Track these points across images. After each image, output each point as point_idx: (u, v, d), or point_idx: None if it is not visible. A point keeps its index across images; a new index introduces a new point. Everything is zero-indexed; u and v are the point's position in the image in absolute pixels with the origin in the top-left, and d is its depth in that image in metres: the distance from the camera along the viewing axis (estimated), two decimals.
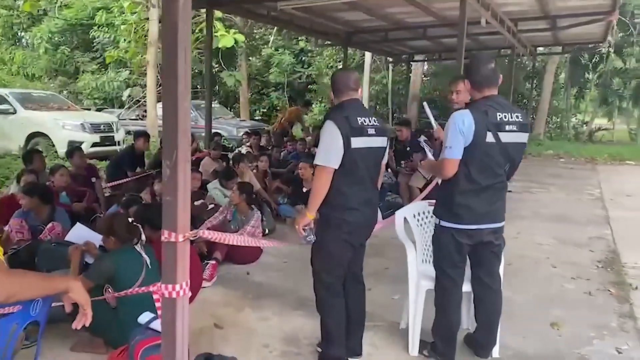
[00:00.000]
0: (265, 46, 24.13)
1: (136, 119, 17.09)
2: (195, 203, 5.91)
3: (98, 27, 20.05)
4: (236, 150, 10.02)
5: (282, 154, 10.02)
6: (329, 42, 14.54)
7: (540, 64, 21.53)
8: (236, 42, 13.95)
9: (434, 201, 4.07)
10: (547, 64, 21.12)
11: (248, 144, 10.77)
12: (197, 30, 18.22)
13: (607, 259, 5.87)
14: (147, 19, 15.53)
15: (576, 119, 25.30)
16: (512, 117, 3.15)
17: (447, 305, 3.32)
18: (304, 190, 7.10)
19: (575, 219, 7.85)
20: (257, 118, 22.96)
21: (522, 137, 3.22)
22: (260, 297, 4.50)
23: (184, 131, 2.23)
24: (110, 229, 3.45)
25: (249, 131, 11.99)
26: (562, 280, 5.16)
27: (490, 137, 3.09)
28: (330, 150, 3.04)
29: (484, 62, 3.24)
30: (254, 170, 7.60)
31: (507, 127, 3.13)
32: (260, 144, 10.12)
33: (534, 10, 10.50)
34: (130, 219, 3.51)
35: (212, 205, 6.01)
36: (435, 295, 3.40)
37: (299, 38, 24.70)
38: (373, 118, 3.22)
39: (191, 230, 2.33)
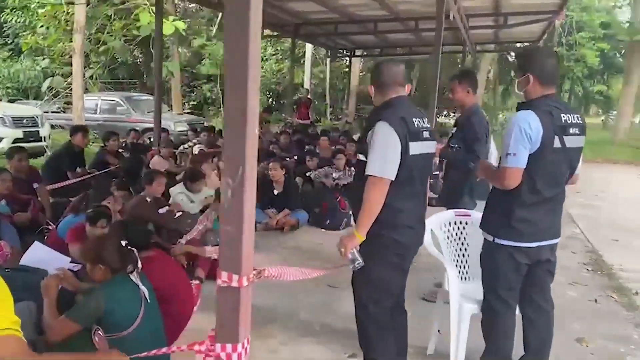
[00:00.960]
0: (196, 37, 22.97)
1: (58, 112, 15.61)
2: (161, 211, 5.19)
3: (10, 11, 18.18)
4: (184, 148, 9.24)
5: None
6: (277, 33, 13.93)
7: (474, 61, 22.00)
8: (176, 29, 12.99)
9: (464, 211, 3.71)
10: (481, 61, 21.61)
11: (195, 140, 10.01)
12: (124, 17, 16.98)
13: (592, 261, 5.79)
14: (72, 3, 14.16)
15: (503, 115, 26.17)
16: (574, 119, 2.79)
17: (500, 333, 2.93)
18: (275, 192, 6.53)
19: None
20: (187, 111, 21.85)
21: (582, 141, 2.87)
22: (259, 324, 3.91)
23: (252, 143, 1.65)
24: (99, 255, 2.75)
25: (197, 127, 11.19)
26: (561, 287, 4.95)
27: (557, 142, 2.71)
28: (386, 158, 2.56)
29: (548, 55, 2.85)
30: (215, 171, 6.93)
31: (571, 130, 2.76)
32: (217, 143, 9.38)
33: (486, 6, 10.48)
34: (123, 242, 2.83)
35: (180, 213, 5.30)
36: (484, 320, 3.00)
37: None
38: (425, 119, 2.77)
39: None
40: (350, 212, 3.59)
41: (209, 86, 24.28)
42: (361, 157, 2.74)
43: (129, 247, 2.83)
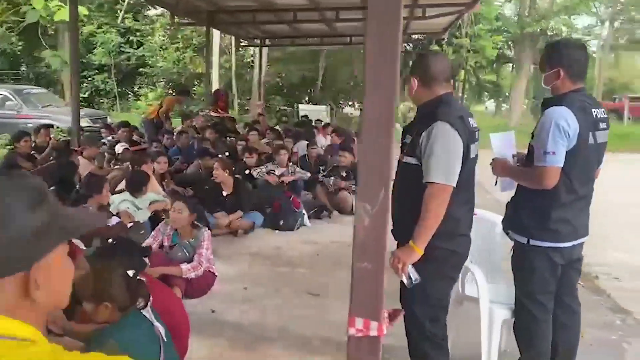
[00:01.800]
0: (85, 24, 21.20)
1: None
2: (110, 223, 4.58)
3: None
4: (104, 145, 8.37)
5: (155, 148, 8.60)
6: (190, 21, 13.09)
7: None
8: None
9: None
10: None
11: (110, 137, 9.13)
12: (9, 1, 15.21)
13: None
14: None
15: (404, 105, 26.98)
16: (602, 114, 2.73)
17: (540, 338, 2.81)
18: (225, 194, 6.06)
19: (481, 206, 8.02)
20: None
21: (608, 136, 2.84)
22: (252, 347, 3.53)
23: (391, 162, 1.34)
24: (105, 291, 2.25)
25: (100, 122, 10.18)
26: None
27: (591, 139, 2.63)
28: (450, 163, 2.33)
29: (578, 48, 2.74)
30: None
31: (600, 125, 2.71)
32: (133, 138, 8.61)
33: None
34: (129, 271, 2.34)
35: (131, 223, 4.71)
36: (519, 326, 2.88)
37: (125, 16, 22.28)
38: (473, 117, 2.57)
39: None
40: (390, 226, 3.20)
41: (101, 77, 22.58)
42: (409, 160, 2.47)
43: (137, 277, 2.35)
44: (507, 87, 26.14)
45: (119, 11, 21.92)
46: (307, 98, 23.63)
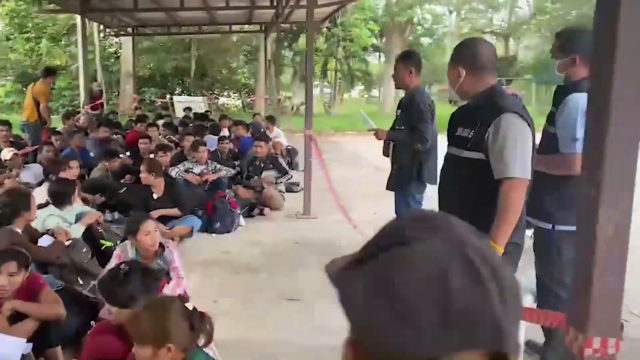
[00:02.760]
0: None
1: None
2: (43, 244, 3.89)
3: None
4: None
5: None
6: (57, 8, 11.66)
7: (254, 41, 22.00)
8: None
9: None
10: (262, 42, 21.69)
11: None
12: None
13: None
14: None
15: (283, 95, 26.98)
16: None
17: None
18: (155, 196, 5.46)
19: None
20: None
21: None
22: None
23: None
24: (165, 332, 1.85)
25: None
26: None
27: None
28: (525, 156, 2.24)
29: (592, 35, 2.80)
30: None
31: None
32: (11, 140, 7.47)
33: None
34: (190, 305, 1.94)
35: (69, 241, 4.02)
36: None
37: None
38: None
39: None
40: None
41: None
42: (473, 155, 2.33)
43: (198, 310, 1.98)
44: (375, 75, 27.29)
45: None
46: (180, 89, 22.52)
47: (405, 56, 4.22)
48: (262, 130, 9.50)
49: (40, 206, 4.30)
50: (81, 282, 3.89)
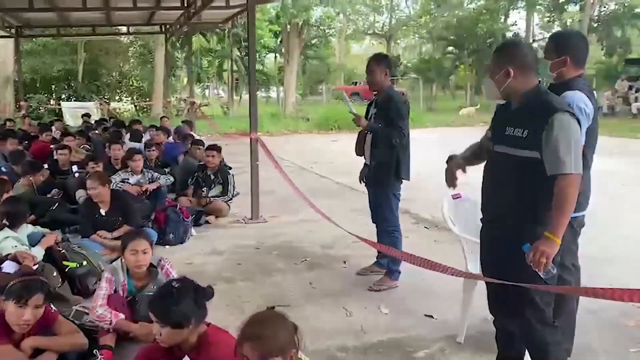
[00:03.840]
0: None
1: None
2: (7, 270, 3.49)
3: None
4: None
5: None
6: None
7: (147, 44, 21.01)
8: None
9: (456, 193, 3.74)
10: (156, 44, 20.81)
11: None
12: None
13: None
14: None
15: (176, 97, 26.08)
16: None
17: (569, 299, 3.12)
18: (103, 212, 5.08)
19: (330, 192, 8.34)
20: None
21: None
22: None
23: None
24: (277, 345, 1.85)
25: None
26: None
27: (597, 117, 3.03)
28: (578, 153, 2.38)
29: (581, 38, 3.08)
30: None
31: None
32: None
33: None
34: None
35: (36, 266, 3.63)
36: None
37: None
38: None
39: None
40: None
41: None
42: (526, 153, 2.42)
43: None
44: (272, 76, 27.32)
45: None
46: (67, 94, 20.93)
47: (380, 59, 4.33)
48: (186, 135, 9.15)
49: None
50: (54, 309, 3.54)
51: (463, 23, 25.82)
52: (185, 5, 11.29)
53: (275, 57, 27.46)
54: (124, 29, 16.33)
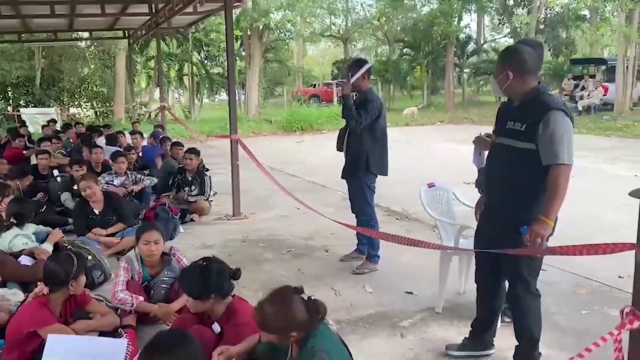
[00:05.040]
0: None
1: None
2: (25, 263, 3.77)
3: None
4: None
5: None
6: None
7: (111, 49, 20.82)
8: None
9: (431, 182, 4.23)
10: (117, 49, 20.70)
11: None
12: None
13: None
14: None
15: (137, 102, 25.89)
16: None
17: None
18: (97, 212, 5.34)
19: (303, 190, 8.74)
20: None
21: None
22: None
23: None
24: (288, 324, 2.23)
25: None
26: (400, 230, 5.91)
27: None
28: (570, 146, 2.72)
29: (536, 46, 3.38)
30: None
31: None
32: None
33: None
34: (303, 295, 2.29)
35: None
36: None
37: None
38: None
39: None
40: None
41: None
42: (526, 145, 2.75)
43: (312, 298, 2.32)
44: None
45: None
46: (25, 100, 20.57)
47: (360, 64, 4.75)
48: (163, 137, 9.39)
49: (4, 228, 4.11)
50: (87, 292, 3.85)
51: (418, 26, 26.67)
52: (154, 11, 11.46)
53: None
54: (85, 34, 16.26)
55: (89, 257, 4.41)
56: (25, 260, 3.80)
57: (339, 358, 2.28)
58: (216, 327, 2.77)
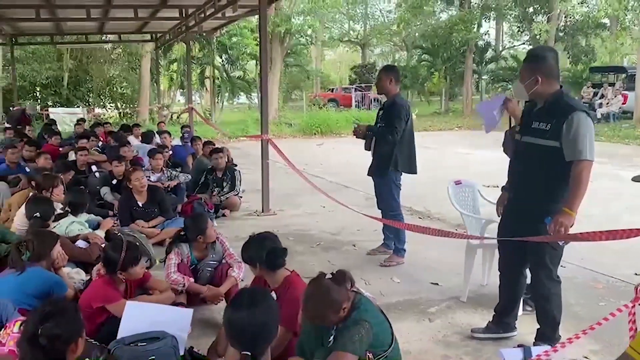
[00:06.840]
0: None
1: None
2: (80, 245, 4.12)
3: None
4: None
5: None
6: None
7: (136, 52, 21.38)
8: None
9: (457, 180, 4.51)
10: (143, 52, 21.25)
11: None
12: None
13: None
14: None
15: (163, 104, 26.41)
16: None
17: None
18: (140, 204, 5.69)
19: (327, 189, 9.03)
20: None
21: None
22: None
23: None
24: (333, 300, 2.54)
25: None
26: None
27: None
28: (592, 144, 2.98)
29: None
30: None
31: None
32: None
33: None
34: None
35: (104, 244, 4.25)
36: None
37: None
38: None
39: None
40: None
41: None
42: (551, 143, 3.01)
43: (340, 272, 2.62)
44: (254, 83, 27.86)
45: None
46: (53, 101, 21.19)
47: (387, 69, 5.07)
48: (194, 137, 9.76)
49: (61, 215, 4.47)
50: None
51: (437, 32, 26.87)
52: (184, 16, 11.86)
53: (256, 64, 28.10)
54: (113, 37, 16.77)
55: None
56: (80, 244, 4.16)
57: (380, 328, 2.58)
58: (273, 295, 3.09)
